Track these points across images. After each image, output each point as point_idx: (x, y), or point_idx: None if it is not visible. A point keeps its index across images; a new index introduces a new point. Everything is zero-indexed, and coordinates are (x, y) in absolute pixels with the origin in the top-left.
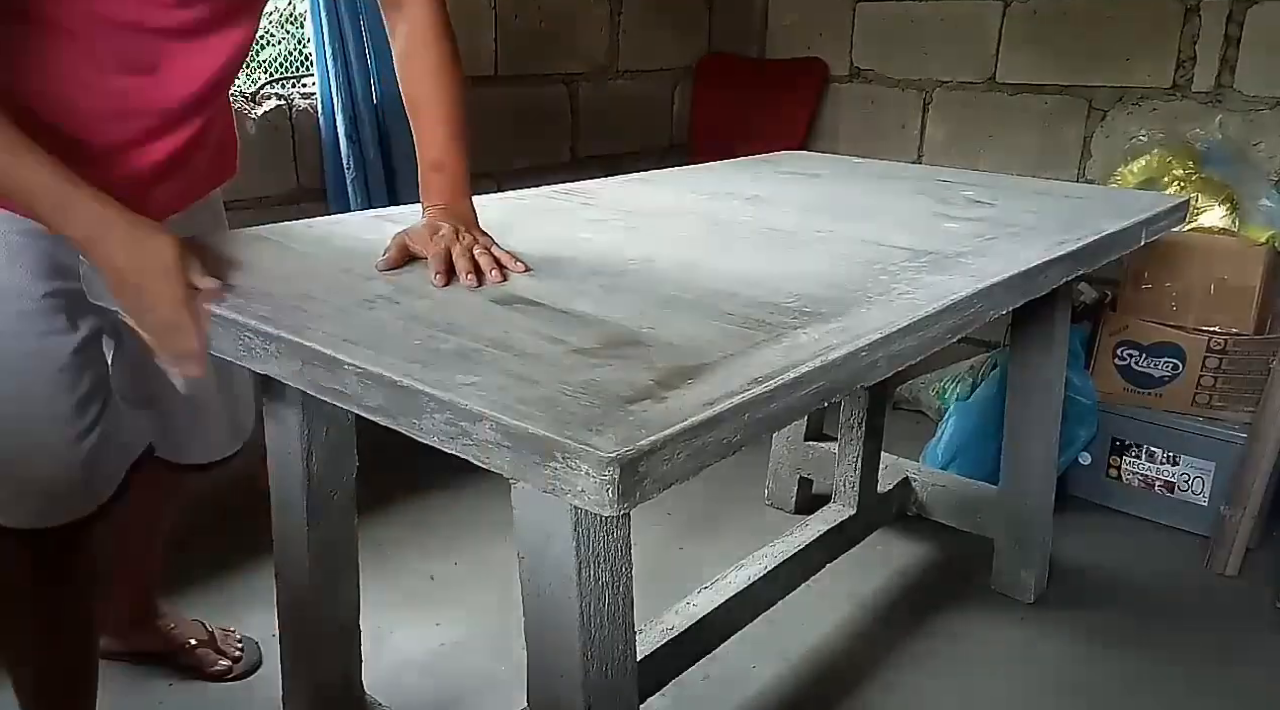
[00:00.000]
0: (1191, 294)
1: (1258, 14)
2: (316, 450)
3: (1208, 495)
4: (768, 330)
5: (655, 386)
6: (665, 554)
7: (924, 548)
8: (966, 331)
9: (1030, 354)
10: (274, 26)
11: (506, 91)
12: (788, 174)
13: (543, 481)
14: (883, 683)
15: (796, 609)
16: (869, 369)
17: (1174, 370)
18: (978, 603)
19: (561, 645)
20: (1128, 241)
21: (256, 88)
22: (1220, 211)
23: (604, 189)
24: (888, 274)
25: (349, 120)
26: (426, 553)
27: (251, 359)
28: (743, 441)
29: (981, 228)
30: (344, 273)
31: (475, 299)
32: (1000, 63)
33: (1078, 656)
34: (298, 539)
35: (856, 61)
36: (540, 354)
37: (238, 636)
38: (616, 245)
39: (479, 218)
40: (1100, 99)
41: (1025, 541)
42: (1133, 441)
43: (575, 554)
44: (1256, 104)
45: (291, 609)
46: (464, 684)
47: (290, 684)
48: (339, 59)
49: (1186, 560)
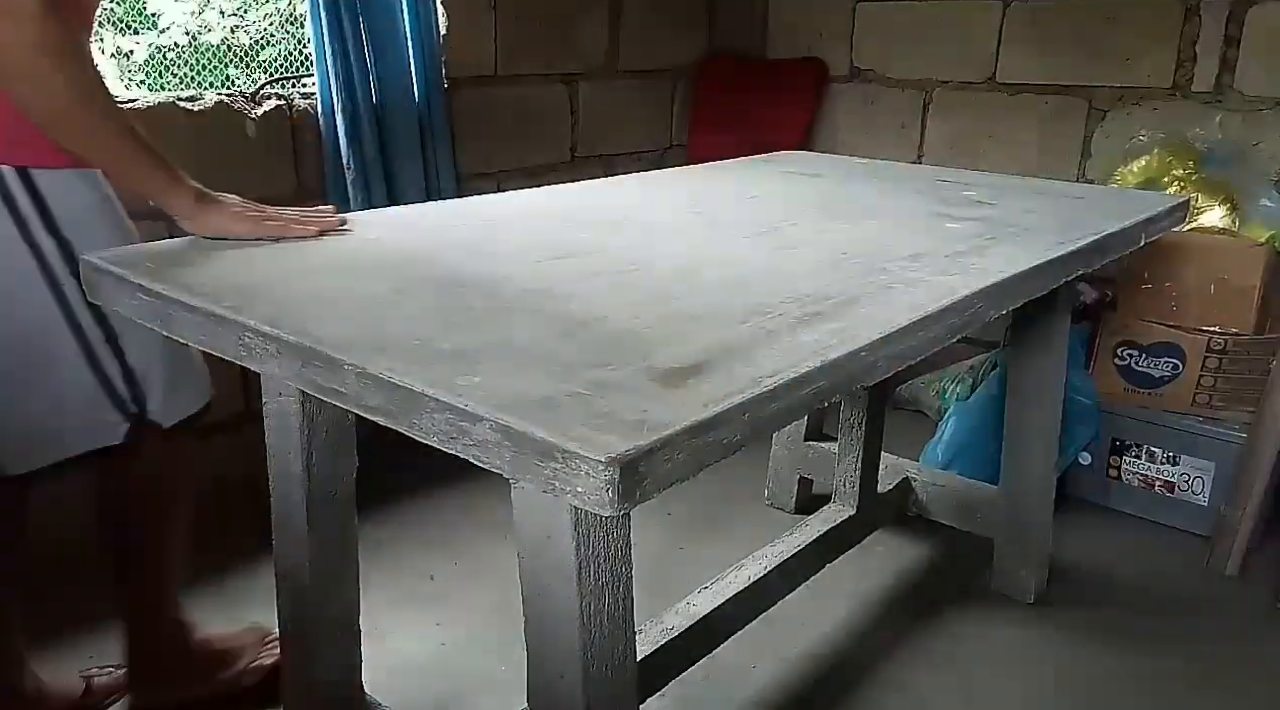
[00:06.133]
0: (1191, 294)
1: (1258, 14)
2: (316, 450)
3: (1208, 495)
4: (767, 330)
5: (655, 386)
6: (665, 554)
7: (924, 548)
8: (966, 331)
9: (1030, 354)
10: (274, 27)
11: (506, 91)
12: (788, 174)
13: (543, 481)
14: (883, 682)
15: (796, 609)
16: (869, 369)
17: (1174, 370)
18: (978, 603)
19: (561, 645)
20: (1128, 241)
21: (256, 88)
22: (1220, 211)
23: (604, 189)
24: (888, 274)
25: (349, 120)
26: (426, 553)
27: (251, 359)
28: (743, 441)
29: (981, 228)
30: (344, 273)
31: (475, 300)
32: (1000, 63)
33: (1078, 656)
34: (298, 539)
35: (856, 61)
36: (540, 354)
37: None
38: (616, 245)
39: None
40: (1100, 99)
41: (1025, 541)
42: (1133, 441)
43: (575, 554)
44: (1256, 104)
45: (291, 609)
46: (464, 684)
47: (290, 684)
48: (339, 59)
49: (1186, 560)
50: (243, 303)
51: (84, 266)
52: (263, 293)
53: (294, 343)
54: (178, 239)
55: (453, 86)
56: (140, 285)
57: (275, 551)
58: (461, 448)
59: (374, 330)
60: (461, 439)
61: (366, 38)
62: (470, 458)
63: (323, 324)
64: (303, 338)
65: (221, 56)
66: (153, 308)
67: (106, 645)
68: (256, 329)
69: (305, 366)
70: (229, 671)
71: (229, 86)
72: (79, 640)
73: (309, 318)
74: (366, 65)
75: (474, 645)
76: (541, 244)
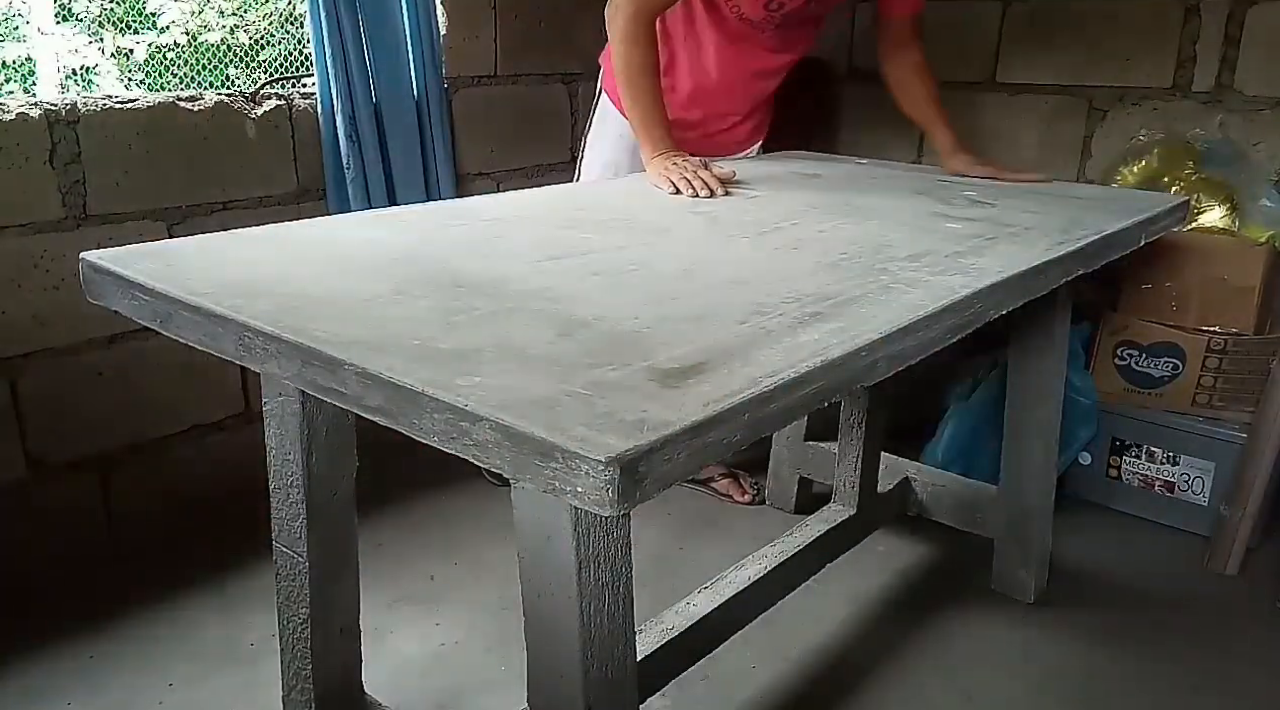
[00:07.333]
0: (1191, 294)
1: (1258, 14)
2: (316, 450)
3: (1208, 495)
4: (767, 330)
5: (655, 386)
6: (665, 554)
7: (924, 548)
8: (966, 331)
9: (1030, 354)
10: (274, 26)
11: (506, 91)
12: (788, 174)
13: (543, 481)
14: (883, 682)
15: (796, 609)
16: (869, 369)
17: (1174, 370)
18: (978, 603)
19: (561, 645)
20: (1128, 241)
21: (256, 88)
22: (1220, 211)
23: (604, 189)
24: (888, 274)
25: (349, 120)
26: (426, 553)
27: (251, 359)
28: (743, 441)
29: (981, 228)
30: (344, 273)
31: (475, 300)
32: (1000, 63)
33: (1078, 656)
34: (298, 539)
35: (856, 61)
36: (540, 354)
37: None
38: (616, 245)
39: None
40: (1100, 99)
41: (1025, 541)
42: (1133, 441)
43: (575, 554)
44: (1256, 104)
45: (291, 609)
46: (464, 684)
47: (290, 684)
48: (339, 59)
49: (1186, 560)
50: (243, 303)
51: (84, 266)
52: (263, 293)
53: (294, 343)
54: (178, 239)
55: (452, 86)
56: (140, 285)
57: (275, 551)
58: (461, 448)
59: (374, 330)
60: (461, 439)
61: (366, 38)
62: (470, 458)
63: (323, 324)
64: (303, 338)
65: (221, 56)
66: (153, 308)
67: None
68: (256, 329)
69: (305, 366)
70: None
71: (229, 86)
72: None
73: (309, 318)
74: (366, 65)
75: (474, 645)
76: (541, 244)
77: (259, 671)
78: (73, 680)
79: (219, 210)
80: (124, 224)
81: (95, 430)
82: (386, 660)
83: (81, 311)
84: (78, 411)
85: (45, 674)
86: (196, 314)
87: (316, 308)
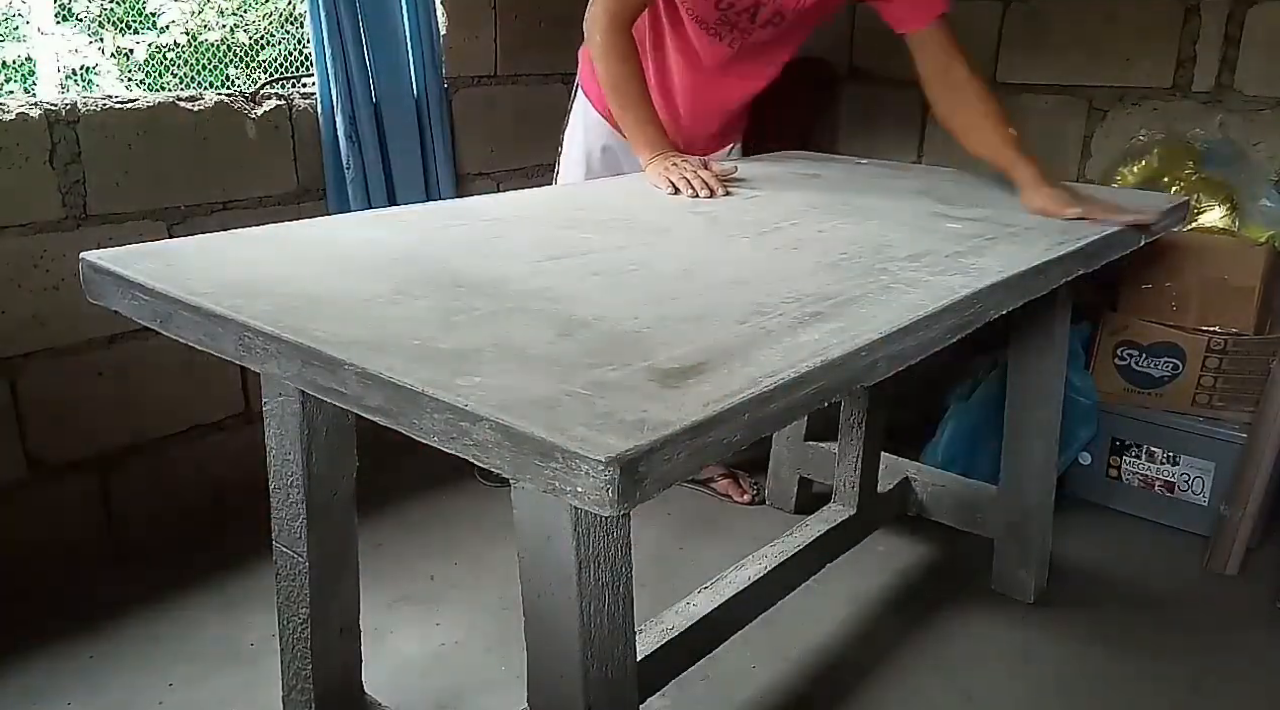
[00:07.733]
0: (1191, 294)
1: (1258, 14)
2: (316, 450)
3: (1208, 495)
4: (767, 330)
5: (655, 386)
6: (665, 554)
7: (924, 548)
8: (966, 331)
9: (1030, 354)
10: (274, 26)
11: (506, 91)
12: (788, 174)
13: (543, 481)
14: (883, 682)
15: (796, 609)
16: (869, 369)
17: (1174, 370)
18: (978, 603)
19: (561, 645)
20: (1128, 241)
21: (256, 88)
22: (1220, 211)
23: (604, 189)
24: (888, 274)
25: (349, 120)
26: (426, 553)
27: (251, 359)
28: (743, 441)
29: (981, 228)
30: (344, 273)
31: (475, 300)
32: (1000, 63)
33: (1078, 656)
34: (298, 539)
35: (856, 61)
36: (540, 354)
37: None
38: (616, 245)
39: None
40: (1100, 99)
41: (1025, 541)
42: (1133, 441)
43: (575, 554)
44: (1256, 104)
45: (291, 609)
46: (464, 684)
47: (290, 684)
48: (339, 59)
49: (1186, 560)
50: (243, 303)
51: (84, 266)
52: (263, 293)
53: (294, 343)
54: (178, 239)
55: (452, 86)
56: (140, 285)
57: (275, 552)
58: (461, 448)
59: (374, 330)
60: (461, 439)
61: (366, 38)
62: (470, 458)
63: (323, 324)
64: (303, 338)
65: (221, 56)
66: (153, 308)
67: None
68: (256, 329)
69: (305, 366)
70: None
71: (229, 86)
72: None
73: (309, 318)
74: (366, 65)
75: (474, 645)
76: (541, 244)
77: (259, 671)
78: (73, 680)
79: (219, 210)
80: (124, 224)
81: (95, 430)
82: (386, 660)
83: (81, 311)
84: (77, 411)
85: (45, 674)
86: (196, 314)
87: (316, 308)
